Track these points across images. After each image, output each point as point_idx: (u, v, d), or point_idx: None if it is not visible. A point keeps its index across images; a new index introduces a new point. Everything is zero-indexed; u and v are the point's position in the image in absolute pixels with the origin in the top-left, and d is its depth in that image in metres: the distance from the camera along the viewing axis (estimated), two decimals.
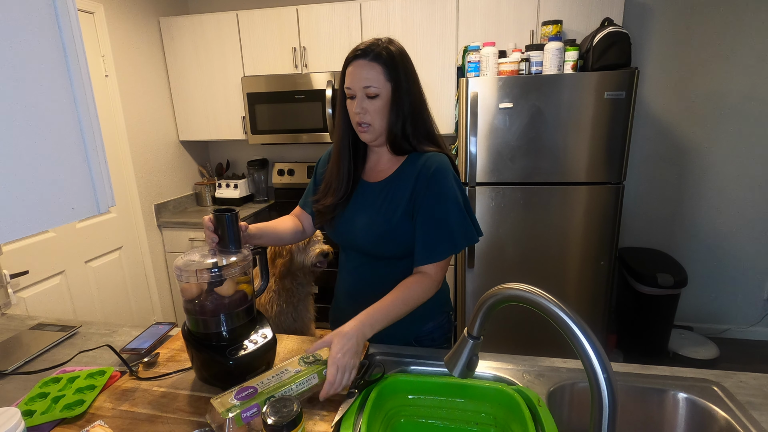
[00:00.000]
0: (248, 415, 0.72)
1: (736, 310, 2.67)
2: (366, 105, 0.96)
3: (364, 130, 0.99)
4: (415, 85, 0.99)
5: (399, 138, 0.99)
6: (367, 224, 1.03)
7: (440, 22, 2.28)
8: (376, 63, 0.94)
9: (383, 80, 0.94)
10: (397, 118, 0.97)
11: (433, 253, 0.97)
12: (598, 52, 1.88)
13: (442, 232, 0.97)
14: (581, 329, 0.50)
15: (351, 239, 1.08)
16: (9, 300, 1.75)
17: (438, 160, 0.99)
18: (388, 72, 0.94)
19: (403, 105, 0.96)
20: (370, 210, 1.03)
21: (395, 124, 0.98)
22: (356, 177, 1.08)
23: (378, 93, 0.94)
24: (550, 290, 0.54)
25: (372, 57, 0.94)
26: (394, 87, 0.95)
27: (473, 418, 0.86)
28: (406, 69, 0.96)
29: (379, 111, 0.96)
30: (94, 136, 0.59)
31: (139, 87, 2.48)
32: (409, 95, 0.97)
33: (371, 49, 0.94)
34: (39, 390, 0.88)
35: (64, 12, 0.54)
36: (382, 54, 0.94)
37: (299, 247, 1.51)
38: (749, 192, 2.50)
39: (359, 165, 1.09)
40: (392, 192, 1.02)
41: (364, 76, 0.94)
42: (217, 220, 0.93)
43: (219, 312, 0.89)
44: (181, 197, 2.85)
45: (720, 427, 0.78)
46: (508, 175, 2.04)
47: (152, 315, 2.65)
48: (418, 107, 1.00)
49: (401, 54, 0.97)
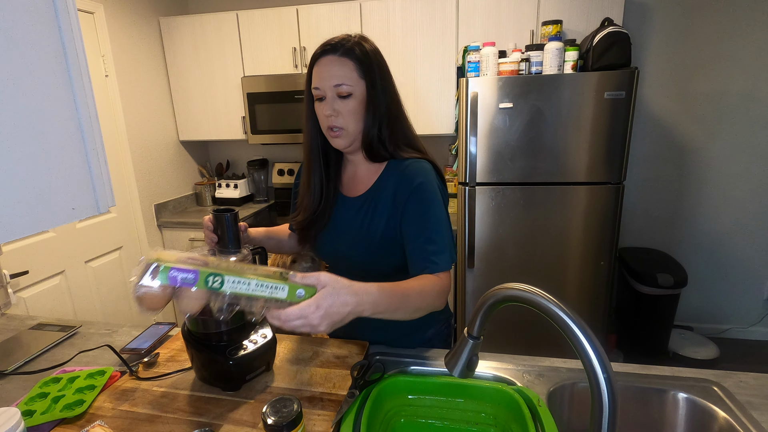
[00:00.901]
0: (179, 277, 0.58)
1: (736, 310, 2.67)
2: (338, 106, 0.86)
3: (336, 135, 0.89)
4: (391, 86, 0.90)
5: (375, 143, 0.90)
6: (352, 244, 0.95)
7: (440, 22, 2.28)
8: (347, 59, 0.84)
9: (356, 77, 0.85)
10: (374, 120, 0.88)
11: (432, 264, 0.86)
12: (598, 52, 1.88)
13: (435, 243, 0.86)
14: (581, 329, 0.50)
15: (337, 260, 1.02)
16: (9, 300, 1.75)
17: (419, 167, 0.90)
18: (362, 69, 0.85)
19: (379, 105, 0.88)
20: (353, 228, 0.95)
21: (371, 127, 0.88)
22: (333, 191, 0.99)
23: (351, 92, 0.85)
24: (550, 290, 0.54)
25: (342, 52, 0.84)
26: (369, 85, 0.86)
27: (473, 418, 0.86)
28: (381, 67, 0.88)
29: (353, 112, 0.87)
30: (94, 136, 0.59)
31: (139, 87, 2.48)
32: (385, 95, 0.88)
33: (342, 44, 0.85)
34: (39, 390, 0.88)
35: (64, 12, 0.54)
36: (354, 49, 0.85)
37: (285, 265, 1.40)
38: (749, 192, 2.50)
39: (333, 177, 0.99)
40: (374, 206, 0.93)
41: (335, 74, 0.84)
42: (216, 220, 0.93)
43: None
44: (181, 197, 2.85)
45: (720, 427, 0.78)
46: (508, 175, 2.04)
47: (152, 315, 2.65)
48: (395, 110, 0.91)
49: (375, 52, 0.88)
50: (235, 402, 0.85)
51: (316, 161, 0.97)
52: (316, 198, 0.97)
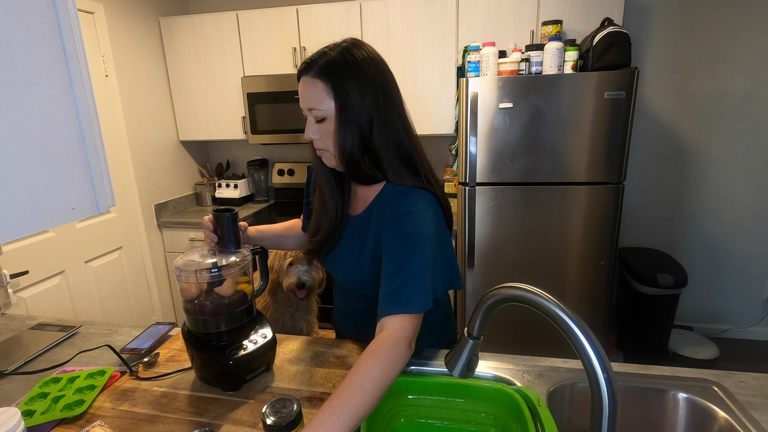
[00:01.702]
0: None
1: (736, 310, 2.67)
2: (315, 129, 0.83)
3: (322, 154, 0.87)
4: (376, 99, 0.80)
5: (358, 165, 0.84)
6: (347, 272, 0.93)
7: (440, 22, 2.28)
8: (318, 80, 0.79)
9: (326, 99, 0.79)
10: (349, 142, 0.81)
11: (393, 303, 0.76)
12: (598, 52, 1.88)
13: (404, 280, 0.77)
14: (581, 329, 0.50)
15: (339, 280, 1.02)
16: (9, 300, 1.75)
17: (413, 197, 0.83)
18: (332, 88, 0.78)
19: (356, 126, 0.80)
20: (349, 250, 0.93)
21: (348, 149, 0.81)
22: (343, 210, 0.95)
23: (323, 116, 0.80)
24: (550, 290, 0.54)
25: (315, 72, 0.79)
26: (340, 107, 0.79)
27: (473, 418, 0.86)
28: (358, 81, 0.78)
29: (330, 134, 0.82)
30: (94, 136, 0.59)
31: (139, 87, 2.48)
32: (367, 112, 0.79)
33: (316, 61, 0.79)
34: (39, 390, 0.88)
35: (64, 12, 0.54)
36: (326, 68, 0.78)
37: (282, 268, 1.41)
38: (749, 192, 2.50)
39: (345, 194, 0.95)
40: (365, 233, 0.90)
41: (306, 96, 0.81)
42: (216, 220, 0.93)
43: (219, 312, 0.89)
44: (181, 197, 2.85)
45: (720, 427, 0.78)
46: (508, 175, 2.04)
47: (152, 315, 2.65)
48: (385, 126, 0.82)
49: (353, 64, 0.79)
50: (235, 402, 0.85)
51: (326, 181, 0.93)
52: (333, 219, 0.94)
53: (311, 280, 1.41)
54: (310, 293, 1.45)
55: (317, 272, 1.44)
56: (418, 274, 0.77)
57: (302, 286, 1.39)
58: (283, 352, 1.02)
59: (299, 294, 1.41)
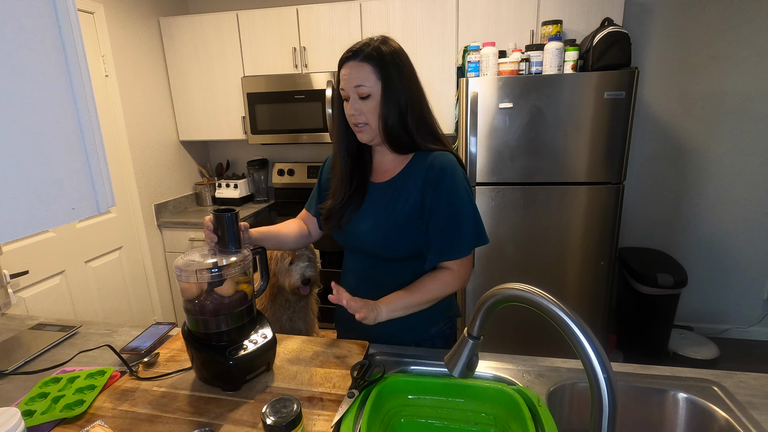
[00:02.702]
0: None
1: (736, 310, 2.67)
2: (359, 106, 0.96)
3: (360, 130, 0.99)
4: (410, 83, 0.98)
5: (397, 136, 0.99)
6: (372, 225, 1.02)
7: (440, 22, 2.28)
8: (365, 63, 0.94)
9: (374, 79, 0.94)
10: (393, 115, 0.96)
11: (453, 249, 0.97)
12: (598, 52, 1.88)
13: (460, 228, 0.97)
14: (581, 329, 0.50)
15: (357, 241, 1.07)
16: (9, 300, 1.75)
17: (446, 159, 0.99)
18: (379, 71, 0.94)
19: (397, 103, 0.96)
20: (376, 210, 1.03)
21: (390, 122, 0.97)
22: (363, 179, 1.07)
23: (369, 92, 0.95)
24: (550, 290, 0.54)
25: (362, 58, 0.94)
26: (385, 86, 0.95)
27: (473, 418, 0.86)
28: (398, 67, 0.96)
29: (373, 111, 0.96)
30: (94, 136, 0.59)
31: (139, 87, 2.48)
32: (405, 93, 0.96)
33: (362, 49, 0.95)
34: (39, 390, 0.88)
35: (64, 12, 0.54)
36: (372, 54, 0.94)
37: (281, 268, 1.41)
38: (749, 192, 2.50)
39: (366, 167, 1.09)
40: (398, 192, 1.02)
41: (355, 77, 0.94)
42: (216, 220, 0.93)
43: (219, 312, 0.89)
44: (181, 197, 2.85)
45: (720, 427, 0.78)
46: (508, 175, 2.04)
47: (152, 315, 2.65)
48: (417, 105, 0.99)
49: (394, 53, 0.96)
50: (235, 402, 0.85)
51: (344, 153, 1.06)
52: (343, 187, 1.06)
53: (315, 273, 1.42)
54: (312, 289, 1.45)
55: (316, 267, 1.45)
56: (467, 225, 0.97)
57: (307, 281, 1.40)
58: (283, 352, 1.02)
59: (303, 291, 1.41)
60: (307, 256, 1.42)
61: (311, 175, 2.90)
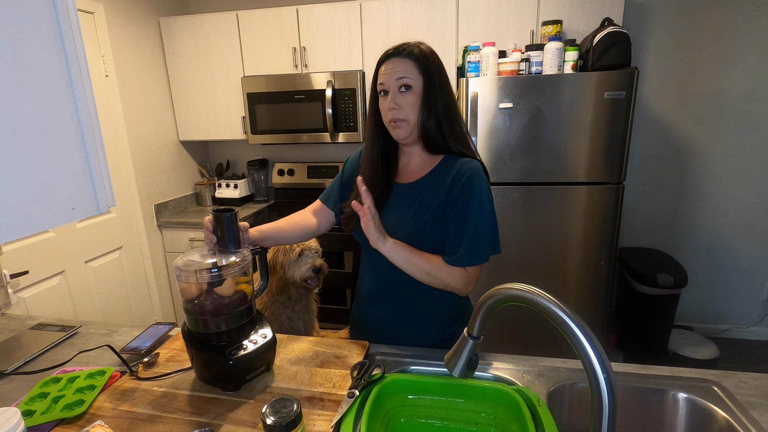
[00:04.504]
0: None
1: (736, 310, 2.67)
2: (399, 100, 0.97)
3: (397, 125, 0.99)
4: (447, 85, 1.00)
5: (433, 134, 1.00)
6: (395, 224, 1.02)
7: (440, 22, 2.28)
8: (408, 59, 0.97)
9: (416, 73, 0.96)
10: (431, 113, 0.98)
11: (472, 257, 0.97)
12: (598, 52, 1.88)
13: (482, 237, 0.97)
14: (581, 329, 0.50)
15: None
16: (9, 300, 1.75)
17: (474, 167, 1.00)
18: (421, 68, 0.97)
19: (436, 101, 0.98)
20: (400, 210, 1.03)
21: (428, 119, 0.98)
22: (389, 180, 1.08)
23: (411, 84, 0.96)
24: (550, 290, 0.54)
25: (405, 54, 0.97)
26: (426, 81, 0.97)
27: (473, 418, 0.86)
28: (438, 67, 0.99)
29: (412, 105, 0.97)
30: (94, 136, 0.59)
31: (139, 87, 2.48)
32: (443, 93, 0.98)
33: (403, 48, 0.98)
34: (39, 390, 0.88)
35: (64, 12, 0.54)
36: (413, 51, 0.97)
37: (290, 260, 1.40)
38: (749, 192, 2.50)
39: (392, 168, 1.09)
40: (424, 193, 1.02)
41: (398, 70, 0.96)
42: (216, 220, 0.93)
43: (219, 312, 0.89)
44: (181, 197, 2.85)
45: (720, 427, 0.78)
46: (508, 175, 2.04)
47: (152, 315, 2.65)
48: (453, 108, 1.01)
49: (432, 53, 1.00)
50: (235, 402, 0.85)
51: (376, 154, 1.07)
52: (373, 185, 1.06)
53: (324, 263, 1.42)
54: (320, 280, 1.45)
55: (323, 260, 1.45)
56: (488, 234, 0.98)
57: (318, 270, 1.40)
58: (283, 352, 1.02)
59: (312, 282, 1.41)
60: (315, 249, 1.43)
61: (311, 175, 2.90)
